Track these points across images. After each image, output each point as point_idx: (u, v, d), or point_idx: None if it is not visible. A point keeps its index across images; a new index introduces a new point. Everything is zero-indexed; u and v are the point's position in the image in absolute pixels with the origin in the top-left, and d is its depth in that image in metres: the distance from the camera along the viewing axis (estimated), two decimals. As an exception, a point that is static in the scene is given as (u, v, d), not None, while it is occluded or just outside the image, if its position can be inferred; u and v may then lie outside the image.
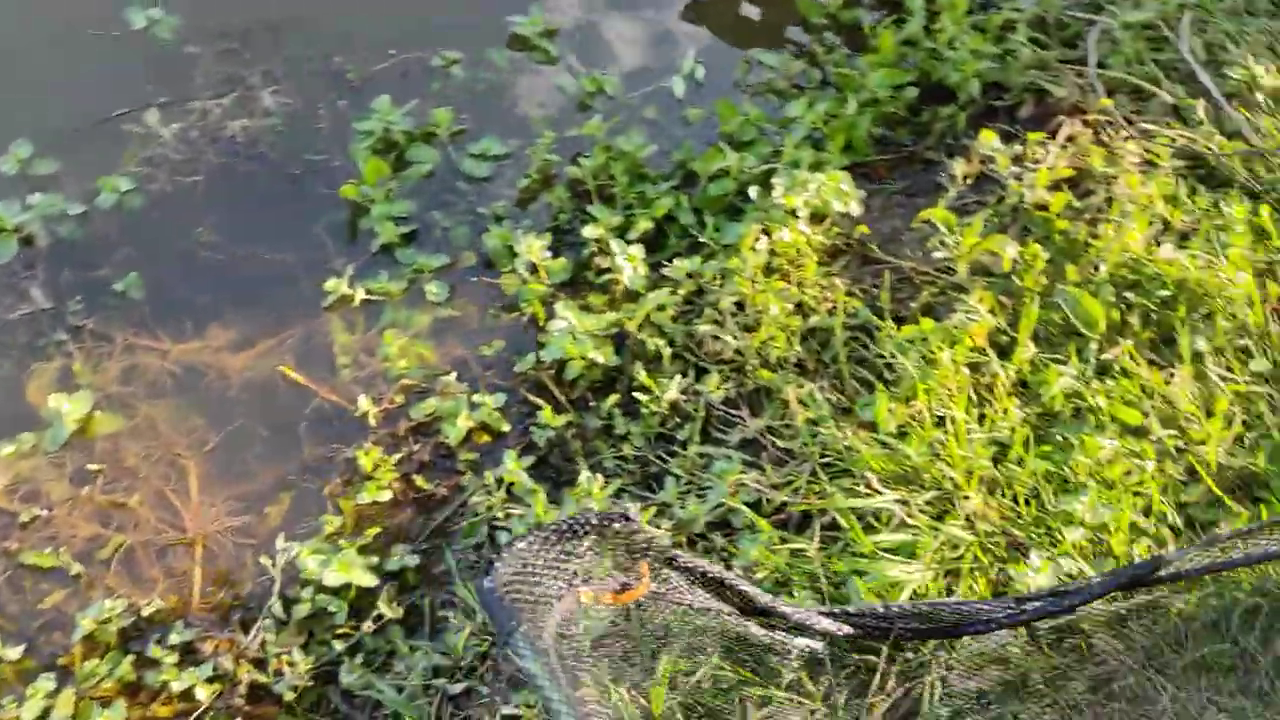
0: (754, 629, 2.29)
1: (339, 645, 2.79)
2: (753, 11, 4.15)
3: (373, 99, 3.61)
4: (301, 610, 2.83)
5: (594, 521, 1.79)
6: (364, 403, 3.15)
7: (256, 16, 3.80)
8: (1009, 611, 2.26)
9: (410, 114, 3.62)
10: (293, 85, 3.71)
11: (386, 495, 3.03)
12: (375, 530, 2.98)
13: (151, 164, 3.51)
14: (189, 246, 3.40)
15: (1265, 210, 3.08)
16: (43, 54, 3.65)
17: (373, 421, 3.16)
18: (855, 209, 3.30)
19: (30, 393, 3.14)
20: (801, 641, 2.26)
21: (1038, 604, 2.26)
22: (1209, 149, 3.29)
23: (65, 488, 3.01)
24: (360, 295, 3.33)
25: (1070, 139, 3.41)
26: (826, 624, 2.27)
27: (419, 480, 3.07)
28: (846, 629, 2.28)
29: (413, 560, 2.93)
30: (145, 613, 2.84)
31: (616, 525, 1.81)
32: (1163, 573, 2.23)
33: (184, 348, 3.25)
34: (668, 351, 3.16)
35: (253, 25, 3.79)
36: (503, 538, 2.87)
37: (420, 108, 3.65)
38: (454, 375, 3.20)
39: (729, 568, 2.70)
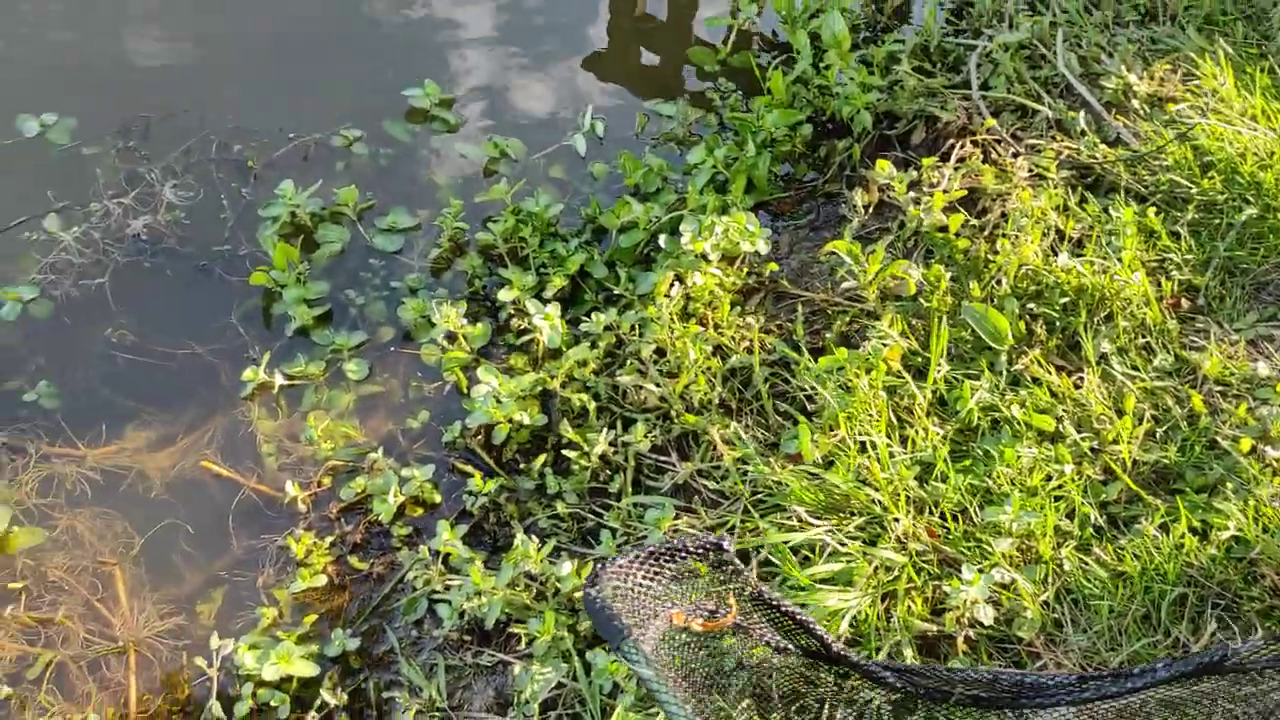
0: (826, 675, 2.26)
1: (284, 739, 2.74)
2: (647, 64, 4.23)
3: (275, 185, 3.61)
4: (243, 709, 2.78)
5: (689, 547, 1.85)
6: (291, 489, 3.12)
7: (152, 112, 3.79)
8: (1069, 689, 2.18)
9: (315, 195, 3.62)
10: (194, 178, 3.70)
11: (321, 580, 2.99)
12: (312, 617, 2.94)
13: (55, 270, 3.47)
14: (101, 349, 3.35)
15: (1151, 211, 3.19)
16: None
17: (302, 507, 3.12)
18: (763, 247, 3.36)
19: (-56, 517, 3.06)
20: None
21: (1099, 684, 2.17)
22: (1093, 158, 3.41)
23: (-12, 610, 2.93)
24: (279, 381, 3.31)
25: (962, 160, 3.51)
26: (890, 679, 2.24)
27: (354, 561, 3.03)
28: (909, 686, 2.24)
29: (353, 643, 2.89)
30: (82, 728, 2.77)
31: (710, 553, 1.86)
32: (1229, 663, 2.14)
33: (101, 452, 3.19)
34: (593, 406, 3.17)
35: (149, 122, 3.78)
36: (443, 610, 2.84)
37: (325, 188, 3.66)
38: (381, 451, 3.18)
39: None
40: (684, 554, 1.87)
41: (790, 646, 2.17)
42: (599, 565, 1.80)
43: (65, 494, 3.12)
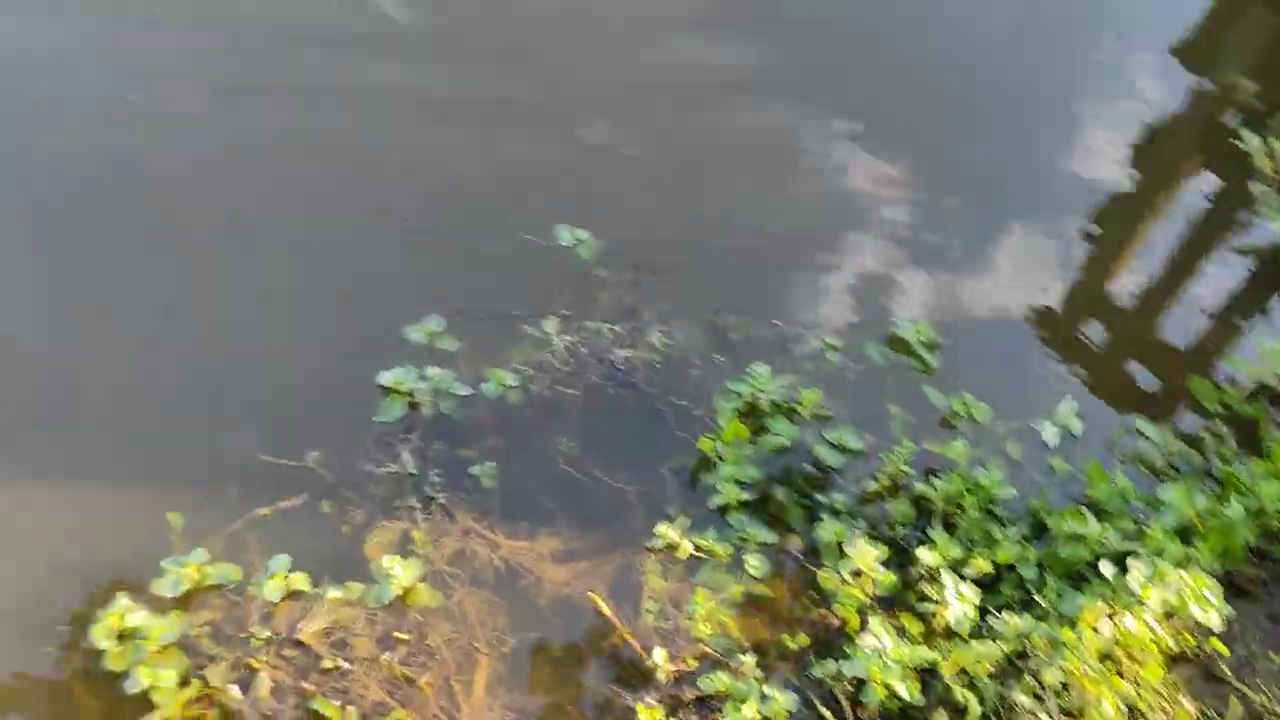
0: None
1: None
2: (1144, 375, 4.03)
3: (748, 361, 3.75)
4: None
5: None
6: (659, 655, 3.15)
7: (665, 260, 4.06)
8: None
9: (781, 386, 3.71)
10: (680, 328, 3.92)
11: (655, 760, 2.98)
12: (634, 792, 2.93)
13: (538, 368, 3.76)
14: (547, 453, 3.59)
15: None
16: (474, 245, 4.05)
17: (662, 677, 3.15)
18: (1216, 622, 3.05)
19: (369, 546, 3.35)
20: None
21: None
22: None
23: (370, 647, 3.15)
24: (687, 548, 3.38)
25: None
26: None
27: (690, 756, 3.01)
28: None
29: (663, 840, 2.84)
30: (402, 795, 2.90)
31: None
32: None
33: (514, 545, 3.39)
34: (977, 710, 2.99)
35: (660, 266, 4.05)
36: None
37: (790, 382, 3.75)
38: (752, 657, 3.15)
39: None
40: None
41: None
42: None
43: (471, 572, 3.33)
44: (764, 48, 4.86)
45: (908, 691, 3.03)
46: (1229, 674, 3.06)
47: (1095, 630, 3.05)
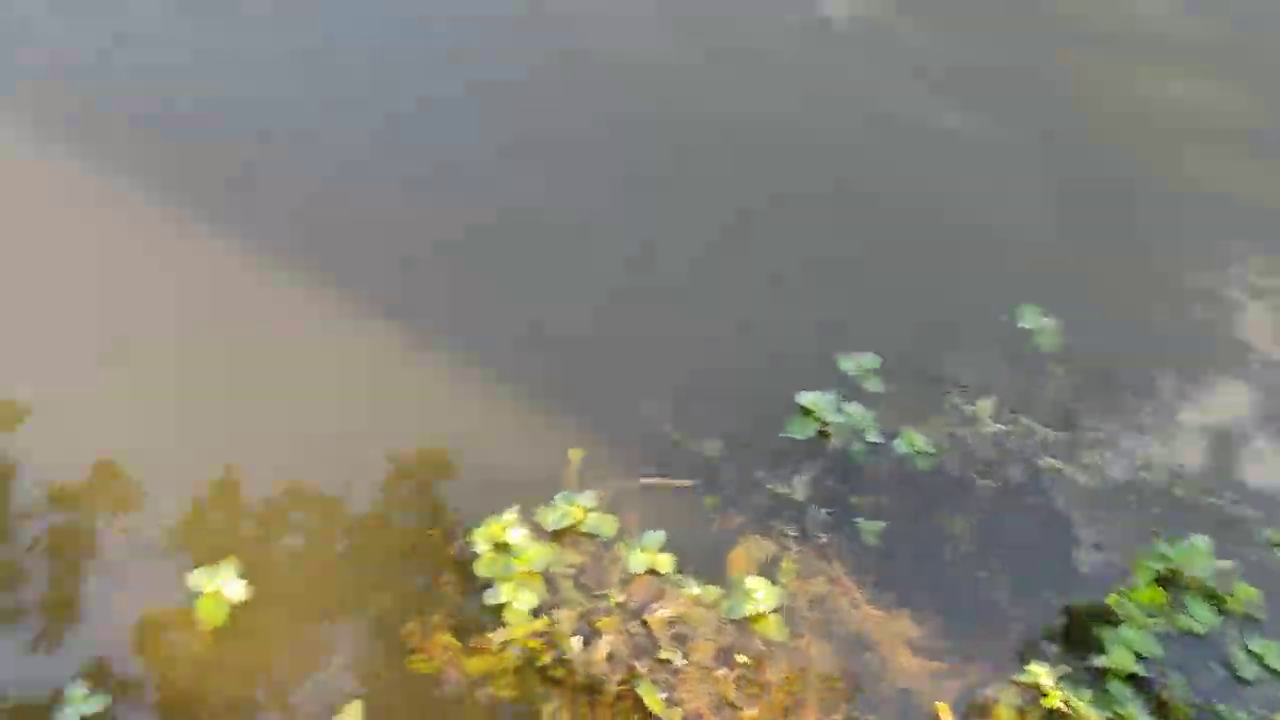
0: None
1: None
2: None
3: (1186, 523, 3.36)
4: None
5: None
6: (989, 799, 2.87)
7: (1127, 376, 3.71)
8: None
9: (1215, 567, 3.28)
10: (1123, 458, 3.55)
11: None
12: None
13: (957, 442, 3.53)
14: (940, 535, 3.35)
15: None
16: (934, 294, 3.87)
17: (983, 822, 2.87)
18: None
19: (734, 554, 3.26)
20: None
21: None
22: None
23: (710, 656, 3.06)
24: (1056, 699, 3.05)
25: None
26: None
27: None
28: None
29: None
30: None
31: None
32: None
33: (874, 614, 3.19)
34: None
35: (1120, 381, 3.70)
36: None
37: (1228, 568, 3.30)
38: None
39: None
40: None
41: None
42: None
43: (826, 623, 3.16)
44: None
45: None
46: None
47: None
